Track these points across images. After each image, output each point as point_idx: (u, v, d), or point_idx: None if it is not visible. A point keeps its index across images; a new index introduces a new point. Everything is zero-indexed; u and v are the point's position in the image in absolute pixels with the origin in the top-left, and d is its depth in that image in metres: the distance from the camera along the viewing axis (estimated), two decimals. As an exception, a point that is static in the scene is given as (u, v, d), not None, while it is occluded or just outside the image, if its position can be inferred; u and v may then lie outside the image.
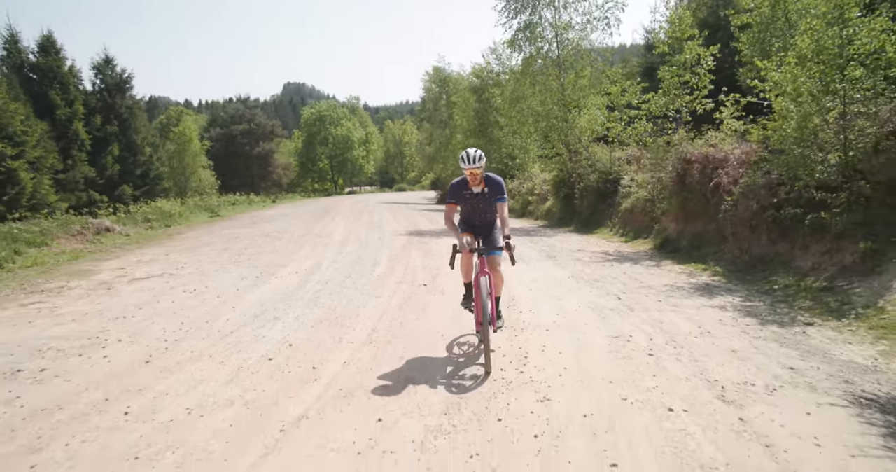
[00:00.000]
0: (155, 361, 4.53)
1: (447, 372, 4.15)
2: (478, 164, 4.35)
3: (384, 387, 3.84)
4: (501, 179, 4.60)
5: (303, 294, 7.04)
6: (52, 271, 9.89)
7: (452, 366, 4.31)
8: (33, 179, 20.14)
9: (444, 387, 3.83)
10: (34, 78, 26.18)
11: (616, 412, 3.37)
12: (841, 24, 6.40)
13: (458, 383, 3.91)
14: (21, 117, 20.69)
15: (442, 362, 4.41)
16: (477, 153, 4.40)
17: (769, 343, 4.75)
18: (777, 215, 7.67)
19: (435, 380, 3.96)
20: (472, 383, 3.93)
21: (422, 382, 3.94)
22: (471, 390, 3.78)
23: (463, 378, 4.02)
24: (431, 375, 4.07)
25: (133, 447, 3.00)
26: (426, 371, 4.15)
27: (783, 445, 2.95)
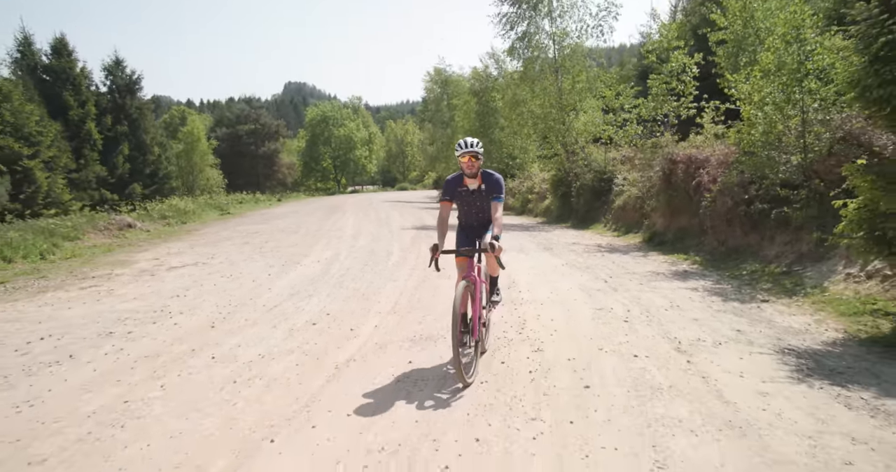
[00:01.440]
0: (218, 326, 5.52)
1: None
2: (473, 149, 4.07)
3: (410, 341, 4.82)
4: (501, 177, 4.30)
5: (328, 279, 8.02)
6: (92, 261, 10.87)
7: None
8: (48, 179, 20.88)
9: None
10: (47, 79, 26.99)
11: (592, 358, 4.36)
12: (799, 43, 7.37)
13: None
14: (36, 118, 21.52)
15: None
16: (474, 140, 4.15)
17: (727, 314, 5.72)
18: (748, 210, 8.64)
19: (450, 338, 4.94)
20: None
21: (439, 339, 4.92)
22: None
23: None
24: (446, 335, 5.03)
25: (229, 377, 3.99)
26: (442, 332, 5.12)
27: (715, 376, 3.93)
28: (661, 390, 3.69)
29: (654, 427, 3.14)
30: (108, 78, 31.58)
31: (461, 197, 4.33)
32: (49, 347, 4.89)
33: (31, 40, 27.23)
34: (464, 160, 4.11)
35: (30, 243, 11.48)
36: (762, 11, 8.92)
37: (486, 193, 4.26)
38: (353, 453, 2.89)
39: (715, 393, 3.64)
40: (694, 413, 3.32)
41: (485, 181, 4.25)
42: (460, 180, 4.29)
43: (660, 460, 2.79)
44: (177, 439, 3.06)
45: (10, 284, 8.44)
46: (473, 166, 4.13)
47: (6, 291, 7.89)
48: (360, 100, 72.46)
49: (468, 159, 4.10)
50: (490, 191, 4.24)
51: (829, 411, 3.36)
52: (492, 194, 4.22)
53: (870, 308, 5.49)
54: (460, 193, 4.32)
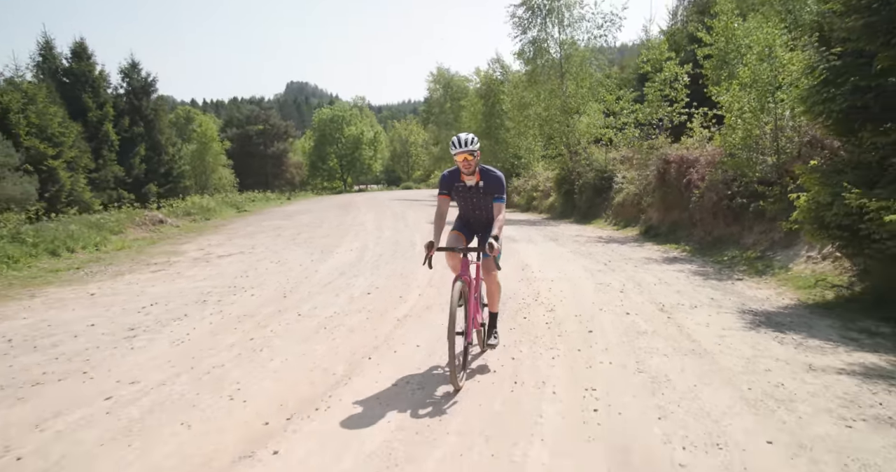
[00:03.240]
0: (289, 297, 6.79)
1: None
2: (468, 148, 3.88)
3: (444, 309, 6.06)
4: (502, 175, 4.11)
5: (365, 263, 9.29)
6: (144, 251, 12.14)
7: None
8: (70, 178, 22.01)
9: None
10: (67, 82, 28.13)
11: (594, 314, 5.62)
12: (771, 60, 8.62)
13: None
14: (59, 120, 22.67)
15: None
16: (469, 136, 3.95)
17: (705, 288, 6.98)
18: (731, 204, 9.89)
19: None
20: (508, 302, 6.14)
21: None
22: (505, 304, 5.99)
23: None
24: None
25: (318, 325, 5.27)
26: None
27: (687, 326, 5.19)
28: (645, 334, 4.95)
29: (637, 353, 4.41)
30: (124, 80, 32.82)
31: (458, 193, 4.18)
32: (163, 310, 6.17)
33: (52, 44, 28.45)
34: (459, 159, 3.94)
35: (86, 235, 12.77)
36: (742, 30, 10.17)
37: (486, 192, 4.09)
38: (425, 366, 4.17)
39: (685, 335, 4.90)
40: (667, 346, 4.59)
41: (484, 178, 4.06)
42: (457, 175, 4.11)
43: (641, 368, 4.06)
44: (303, 357, 4.35)
45: (85, 269, 9.70)
46: (470, 165, 3.96)
47: (88, 274, 9.15)
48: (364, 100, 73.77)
49: (463, 158, 3.92)
50: (490, 190, 4.06)
51: (766, 344, 4.62)
52: (492, 194, 4.05)
53: (821, 283, 6.74)
54: (458, 189, 4.16)
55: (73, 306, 6.58)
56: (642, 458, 2.81)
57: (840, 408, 3.36)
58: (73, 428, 3.13)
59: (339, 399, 3.52)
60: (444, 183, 4.18)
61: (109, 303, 6.67)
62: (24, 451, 2.87)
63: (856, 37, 5.89)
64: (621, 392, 3.63)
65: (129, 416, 3.29)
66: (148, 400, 3.52)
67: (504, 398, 3.54)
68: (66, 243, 11.88)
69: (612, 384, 3.77)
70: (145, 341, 4.90)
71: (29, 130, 20.66)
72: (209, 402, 3.48)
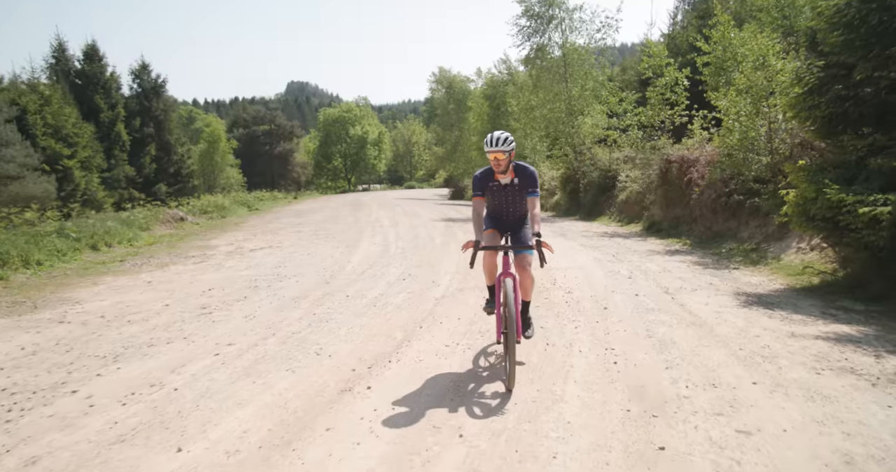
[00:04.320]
0: (331, 282, 7.57)
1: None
2: (502, 147, 3.83)
3: (478, 288, 6.87)
4: (535, 170, 4.10)
5: (392, 255, 10.07)
6: (176, 246, 12.92)
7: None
8: (84, 178, 22.70)
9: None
10: (79, 83, 28.76)
11: (607, 295, 6.41)
12: (765, 68, 9.40)
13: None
14: (73, 121, 23.39)
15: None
16: (503, 135, 3.89)
17: (704, 275, 7.76)
18: (728, 201, 10.68)
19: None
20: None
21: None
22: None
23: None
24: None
25: (368, 304, 6.07)
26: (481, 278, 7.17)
27: (689, 304, 5.97)
28: (652, 310, 5.74)
29: (647, 324, 5.20)
30: (135, 81, 33.54)
31: (492, 192, 4.13)
32: (222, 293, 6.96)
33: (64, 47, 29.07)
34: (491, 158, 3.89)
35: (121, 231, 13.56)
36: (738, 39, 10.95)
37: (520, 188, 4.07)
38: (469, 333, 4.96)
39: (687, 312, 5.69)
40: (672, 319, 5.37)
41: (518, 175, 4.05)
42: (491, 175, 4.07)
43: (650, 335, 4.85)
44: (364, 327, 5.15)
45: (129, 261, 10.48)
46: (501, 164, 3.91)
47: (134, 265, 9.93)
48: (367, 100, 74.53)
49: (494, 157, 3.87)
50: (524, 185, 4.05)
51: (756, 318, 5.40)
52: (526, 189, 4.05)
53: (808, 270, 7.53)
54: (491, 188, 4.11)
55: (137, 291, 7.37)
56: (654, 392, 3.59)
57: (813, 362, 4.14)
58: (204, 372, 3.94)
59: (406, 354, 4.33)
60: (479, 184, 4.09)
61: (169, 288, 7.46)
62: (175, 385, 3.66)
63: (838, 50, 6.67)
64: (635, 351, 4.42)
65: (242, 365, 4.09)
66: (250, 355, 4.32)
67: (539, 355, 4.33)
68: (105, 238, 12.66)
69: (627, 345, 4.56)
70: (221, 317, 5.69)
71: (45, 131, 21.34)
72: (301, 356, 4.28)
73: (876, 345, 4.50)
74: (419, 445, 2.90)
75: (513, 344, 3.60)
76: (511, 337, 3.61)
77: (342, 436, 2.97)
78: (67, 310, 6.24)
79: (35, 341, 4.90)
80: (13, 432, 3.06)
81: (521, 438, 2.97)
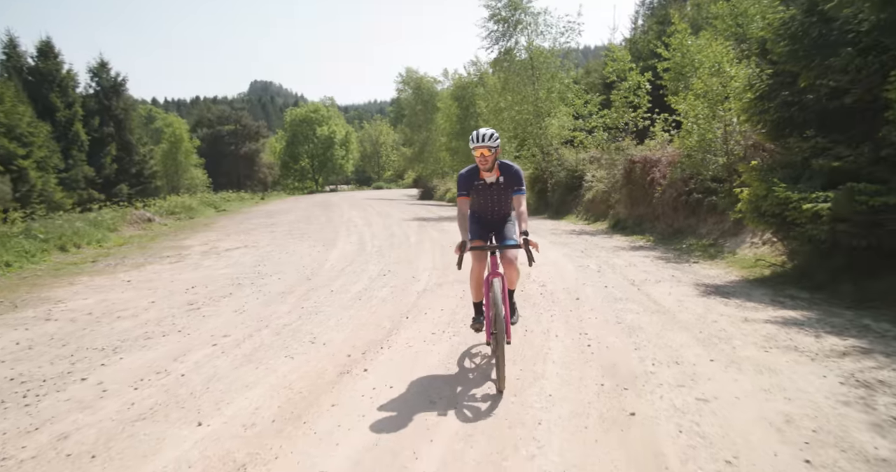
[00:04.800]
0: (313, 279, 7.79)
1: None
2: (488, 142, 3.79)
3: (457, 282, 7.20)
4: (520, 168, 4.08)
5: (369, 253, 10.32)
6: (147, 247, 12.86)
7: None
8: (41, 178, 22.06)
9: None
10: (33, 81, 27.82)
11: (578, 288, 6.83)
12: (720, 74, 10.03)
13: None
14: (28, 119, 22.73)
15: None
16: (488, 131, 3.84)
17: (667, 269, 8.28)
18: (688, 199, 11.30)
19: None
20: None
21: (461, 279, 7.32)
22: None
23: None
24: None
25: (353, 297, 6.34)
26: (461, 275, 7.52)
27: (653, 294, 6.43)
28: (621, 300, 6.18)
29: (616, 312, 5.63)
30: (93, 79, 32.67)
31: (477, 191, 4.08)
32: (206, 291, 7.10)
33: (16, 43, 28.01)
34: (476, 154, 3.86)
35: (89, 232, 13.40)
36: (694, 46, 11.61)
37: (506, 186, 4.04)
38: (452, 322, 5.28)
39: (652, 301, 6.14)
40: (638, 308, 5.82)
41: (503, 173, 4.00)
42: (476, 174, 4.01)
43: (619, 321, 5.27)
44: (352, 318, 5.42)
45: (101, 262, 10.43)
46: (487, 161, 3.86)
47: (108, 266, 9.91)
48: (333, 100, 74.08)
49: (480, 154, 3.84)
50: (510, 183, 4.02)
51: (714, 306, 5.89)
52: (512, 187, 4.02)
53: (760, 262, 8.12)
54: (477, 187, 4.06)
55: (118, 289, 7.44)
56: (625, 370, 3.99)
57: (762, 342, 4.62)
58: (207, 360, 4.16)
59: (396, 341, 4.63)
60: (464, 183, 4.03)
61: (151, 287, 7.55)
62: (181, 372, 3.88)
63: (784, 59, 7.25)
64: (606, 335, 4.83)
65: (242, 353, 4.32)
66: (248, 344, 4.55)
67: (519, 340, 4.68)
68: (73, 239, 12.52)
69: (599, 331, 4.96)
70: (211, 311, 5.87)
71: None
72: (297, 345, 4.53)
73: (816, 327, 5.01)
74: (418, 416, 3.22)
75: (502, 345, 3.56)
76: (501, 338, 3.56)
77: (347, 410, 3.26)
78: (51, 308, 6.30)
79: (27, 337, 5.00)
80: (35, 414, 3.24)
81: (509, 409, 3.32)
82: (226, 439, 2.89)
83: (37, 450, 2.80)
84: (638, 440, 2.94)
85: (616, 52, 14.71)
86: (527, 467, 2.67)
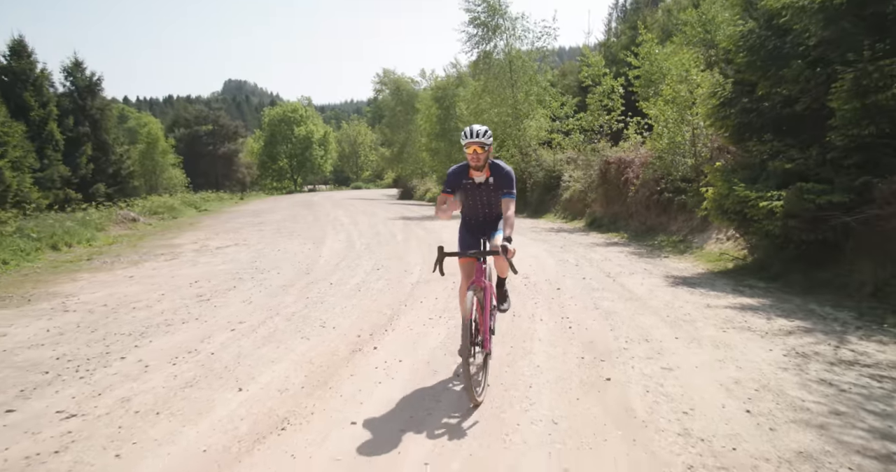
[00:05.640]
0: (311, 274, 8.24)
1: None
2: (481, 138, 3.64)
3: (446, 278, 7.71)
4: (511, 170, 3.91)
5: (359, 250, 10.79)
6: (138, 245, 13.12)
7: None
8: (16, 178, 22.00)
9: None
10: (6, 80, 27.53)
11: (559, 279, 7.43)
12: (687, 81, 10.76)
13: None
14: (1, 119, 22.66)
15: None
16: (482, 128, 3.71)
17: (640, 263, 8.94)
18: (660, 198, 12.02)
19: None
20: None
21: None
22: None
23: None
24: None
25: (353, 289, 6.82)
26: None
27: (628, 285, 7.06)
28: (597, 290, 6.79)
29: (594, 299, 6.23)
30: (67, 79, 32.34)
31: (466, 190, 3.90)
32: (210, 285, 7.51)
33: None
34: (468, 151, 3.69)
35: (79, 232, 13.59)
36: (662, 55, 12.36)
37: (496, 187, 3.87)
38: (446, 310, 5.82)
39: (626, 290, 6.77)
40: (614, 296, 6.43)
41: (494, 173, 3.84)
42: (465, 172, 3.85)
43: (597, 307, 5.87)
44: (355, 307, 5.92)
45: (96, 260, 10.70)
46: (479, 158, 3.70)
47: (103, 263, 10.19)
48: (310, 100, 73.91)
49: (473, 150, 3.67)
50: (500, 185, 3.84)
51: (681, 294, 6.54)
52: (502, 189, 3.84)
53: (723, 256, 8.83)
54: (465, 186, 3.88)
55: (123, 284, 7.80)
56: (601, 346, 4.58)
57: (721, 324, 5.26)
58: (230, 341, 4.63)
59: (398, 325, 5.16)
60: (451, 180, 3.87)
61: (154, 282, 7.92)
62: (210, 351, 4.35)
63: (744, 69, 7.95)
64: (585, 318, 5.42)
65: (260, 335, 4.80)
66: (264, 329, 5.03)
67: (508, 324, 5.25)
68: (64, 238, 12.72)
69: (579, 315, 5.55)
70: (221, 302, 6.31)
71: (-31, 129, 20.48)
72: (309, 329, 5.03)
73: (769, 311, 5.68)
74: (425, 383, 3.76)
75: (467, 359, 3.29)
76: (466, 351, 3.30)
77: (364, 379, 3.79)
78: (64, 301, 6.66)
79: (54, 325, 5.39)
80: (92, 383, 3.69)
81: (503, 377, 3.87)
82: (266, 400, 3.39)
83: (108, 408, 3.27)
84: (612, 398, 3.52)
85: (590, 58, 15.42)
86: (522, 417, 3.22)
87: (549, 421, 3.16)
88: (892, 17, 6.32)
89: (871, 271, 6.02)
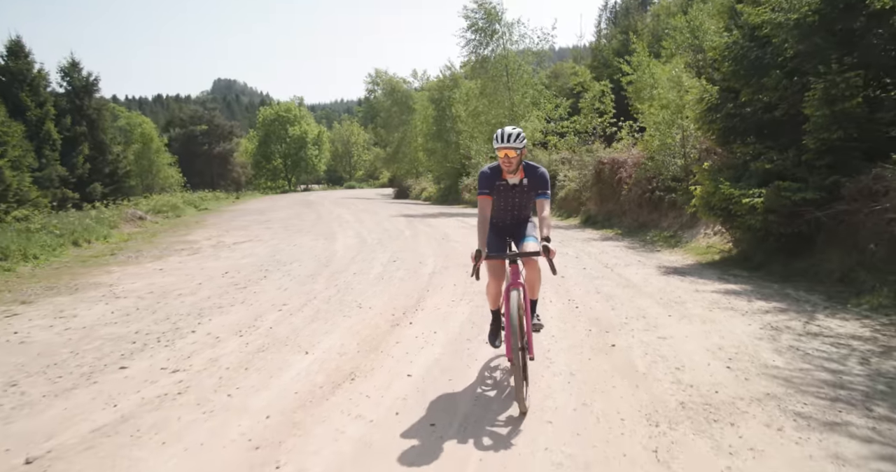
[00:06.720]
0: (331, 266, 8.90)
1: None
2: (514, 143, 3.54)
3: (461, 265, 8.43)
4: (546, 170, 3.82)
5: (371, 245, 11.45)
6: (152, 242, 13.69)
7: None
8: (16, 177, 22.42)
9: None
10: (3, 80, 27.86)
11: (561, 269, 8.07)
12: (678, 87, 11.53)
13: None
14: (1, 118, 23.05)
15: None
16: (514, 130, 3.59)
17: (635, 255, 9.68)
18: (652, 197, 12.79)
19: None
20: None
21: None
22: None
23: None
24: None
25: (376, 278, 7.50)
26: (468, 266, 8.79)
27: (624, 274, 7.79)
28: (598, 278, 7.52)
29: (595, 286, 6.96)
30: (64, 79, 32.68)
31: (499, 192, 3.81)
32: (241, 275, 8.15)
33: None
34: (500, 155, 3.61)
35: (97, 229, 14.15)
36: (652, 63, 13.16)
37: (529, 189, 3.81)
38: (467, 294, 6.52)
39: (623, 279, 7.50)
40: (612, 283, 7.16)
41: (528, 175, 3.76)
42: (499, 173, 3.75)
43: (598, 291, 6.60)
44: (383, 292, 6.61)
45: (119, 255, 11.28)
46: (512, 163, 3.62)
47: (128, 258, 10.77)
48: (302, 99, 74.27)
49: (505, 155, 3.58)
50: (534, 186, 3.78)
51: (672, 281, 7.28)
52: (536, 190, 3.78)
53: (711, 249, 9.60)
54: (498, 188, 3.79)
55: (157, 276, 8.42)
56: (605, 322, 5.30)
57: (708, 304, 6.00)
58: (282, 318, 5.32)
59: (426, 306, 5.87)
60: (486, 181, 3.72)
61: (186, 274, 8.55)
62: (269, 326, 5.01)
63: (728, 77, 8.71)
64: (589, 300, 6.14)
65: (307, 315, 5.48)
66: (308, 309, 5.70)
67: (521, 305, 5.94)
68: (83, 235, 13.28)
69: (583, 298, 6.28)
70: (258, 289, 6.96)
71: (-31, 129, 20.86)
72: (347, 309, 5.71)
73: (750, 295, 6.43)
74: (460, 348, 4.47)
75: (518, 365, 3.31)
76: (517, 353, 3.32)
77: (409, 345, 4.49)
78: (111, 289, 7.28)
79: (114, 308, 6.02)
80: (177, 350, 4.36)
81: (524, 344, 4.57)
82: (330, 360, 4.09)
83: (202, 366, 3.96)
84: (618, 358, 4.24)
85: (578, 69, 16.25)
86: (545, 371, 3.94)
87: (568, 373, 3.88)
88: (859, 34, 7.10)
89: (838, 259, 6.79)
